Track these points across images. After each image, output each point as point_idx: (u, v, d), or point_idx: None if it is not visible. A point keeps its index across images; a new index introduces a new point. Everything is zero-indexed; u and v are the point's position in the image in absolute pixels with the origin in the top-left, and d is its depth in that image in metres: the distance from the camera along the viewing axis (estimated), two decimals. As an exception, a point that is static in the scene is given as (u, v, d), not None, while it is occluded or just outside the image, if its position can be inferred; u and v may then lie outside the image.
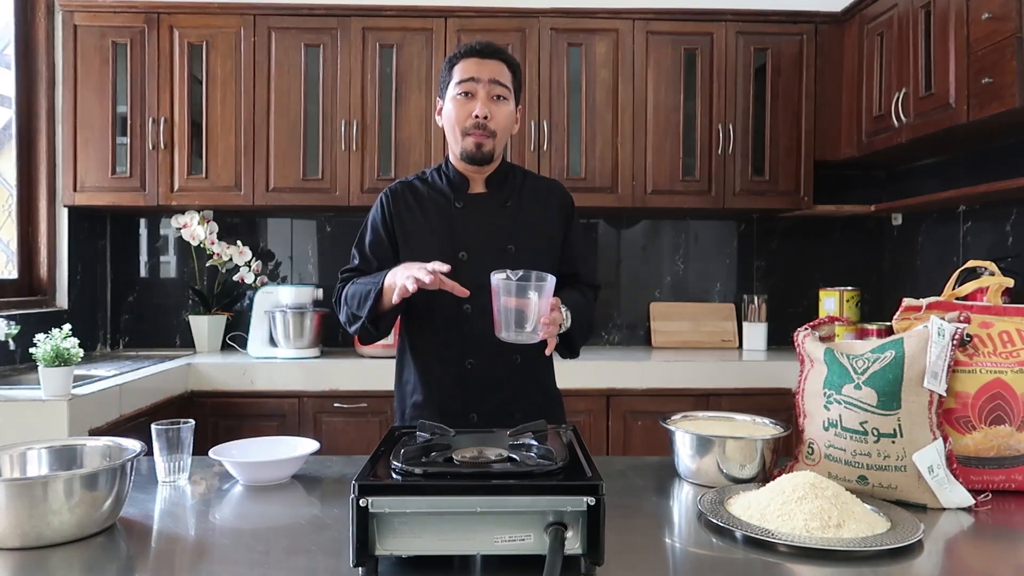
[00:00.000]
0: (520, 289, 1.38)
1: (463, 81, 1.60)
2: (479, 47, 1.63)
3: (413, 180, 1.73)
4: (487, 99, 1.60)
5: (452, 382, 1.63)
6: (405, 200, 1.69)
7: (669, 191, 3.12)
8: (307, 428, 2.79)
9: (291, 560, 0.99)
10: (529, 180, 1.75)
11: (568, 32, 3.08)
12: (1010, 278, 1.41)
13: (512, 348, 1.57)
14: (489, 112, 1.59)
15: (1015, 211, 2.65)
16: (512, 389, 1.64)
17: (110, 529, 1.10)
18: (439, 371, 1.64)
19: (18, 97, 2.94)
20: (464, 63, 1.62)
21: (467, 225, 1.65)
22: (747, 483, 1.27)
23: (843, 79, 3.12)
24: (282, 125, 3.04)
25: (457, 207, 1.66)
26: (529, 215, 1.68)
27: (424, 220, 1.67)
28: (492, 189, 1.69)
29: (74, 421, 2.07)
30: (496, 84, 1.60)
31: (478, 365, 1.62)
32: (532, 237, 1.65)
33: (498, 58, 1.63)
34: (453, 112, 1.61)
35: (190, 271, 3.38)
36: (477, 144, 1.60)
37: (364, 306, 1.58)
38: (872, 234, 3.53)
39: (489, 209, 1.66)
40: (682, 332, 3.40)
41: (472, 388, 1.62)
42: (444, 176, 1.71)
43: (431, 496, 0.91)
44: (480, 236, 1.63)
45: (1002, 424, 1.25)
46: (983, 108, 2.26)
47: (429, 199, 1.68)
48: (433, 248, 1.61)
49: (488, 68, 1.60)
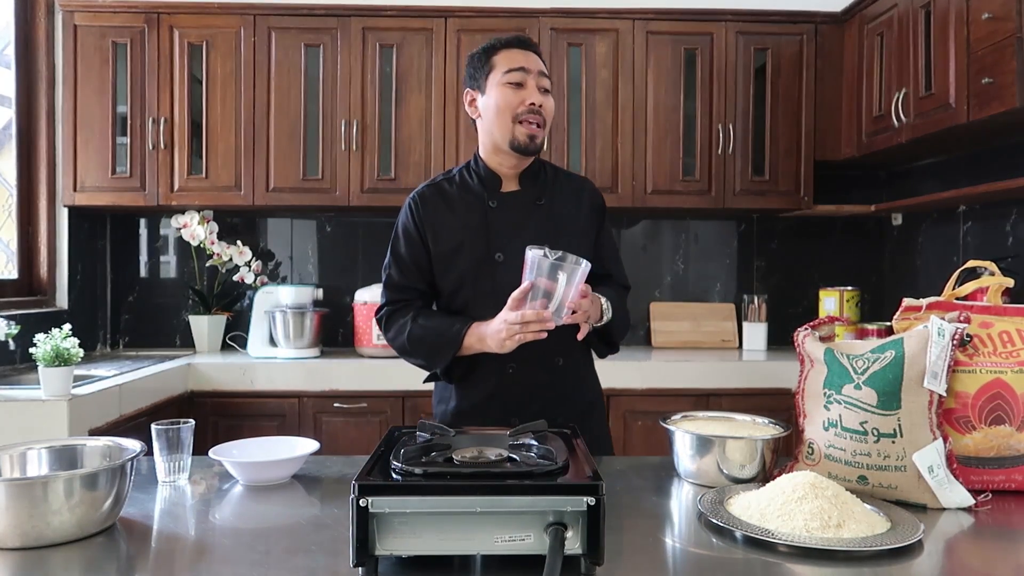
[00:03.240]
0: (552, 269, 1.36)
1: (513, 70, 1.57)
2: (522, 38, 1.62)
3: (440, 181, 1.69)
4: (537, 89, 1.58)
5: (493, 388, 1.61)
6: (435, 204, 1.64)
7: (669, 191, 3.12)
8: (307, 428, 2.79)
9: (291, 560, 0.99)
10: (560, 176, 1.71)
11: (568, 32, 3.08)
12: (1010, 278, 1.41)
13: (554, 352, 1.57)
14: (541, 101, 1.57)
15: (1015, 211, 2.65)
16: (554, 394, 1.61)
17: (110, 529, 1.10)
18: (480, 377, 1.62)
19: (18, 97, 2.94)
20: (508, 53, 1.59)
21: (502, 225, 1.61)
22: (747, 483, 1.27)
23: (843, 79, 3.12)
24: (282, 125, 3.04)
25: (491, 206, 1.62)
26: (563, 212, 1.65)
27: (457, 222, 1.62)
28: (525, 186, 1.65)
29: (74, 421, 2.07)
30: (543, 76, 1.59)
31: (519, 370, 1.59)
32: (567, 235, 1.62)
33: (537, 53, 1.63)
34: (502, 99, 1.57)
35: (190, 271, 3.38)
36: (531, 135, 1.56)
37: (436, 361, 1.59)
38: (872, 234, 3.53)
39: (523, 207, 1.63)
40: (682, 332, 3.40)
41: (513, 394, 1.60)
42: (474, 174, 1.66)
43: (431, 496, 0.91)
44: (516, 236, 1.58)
45: (1002, 424, 1.25)
46: (983, 108, 2.26)
47: (460, 199, 1.64)
48: (468, 250, 1.59)
49: (535, 61, 1.60)
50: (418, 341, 1.60)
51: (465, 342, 1.54)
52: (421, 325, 1.60)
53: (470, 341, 1.54)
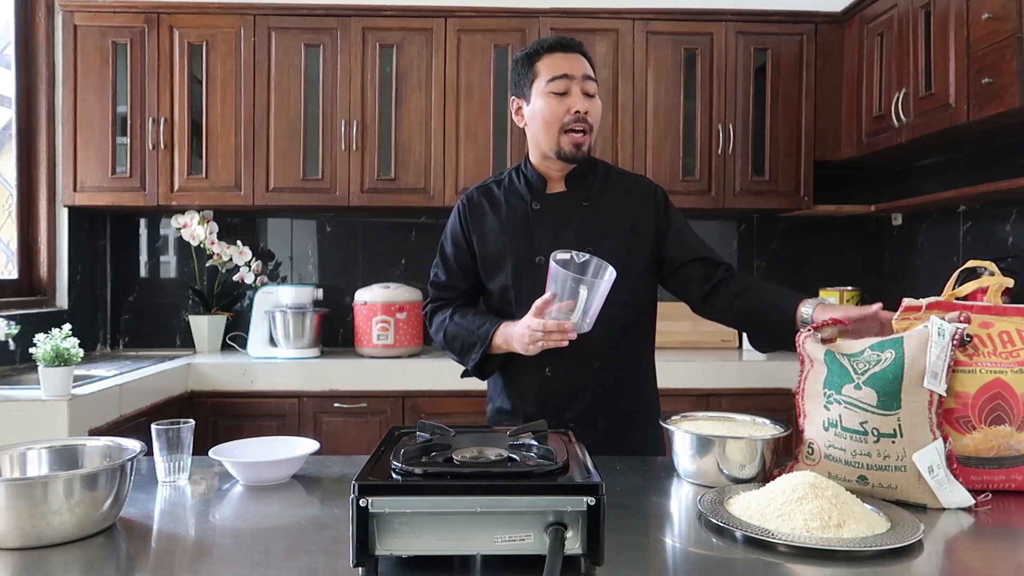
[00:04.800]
0: (574, 281, 1.36)
1: (556, 78, 1.55)
2: (565, 40, 1.59)
3: (490, 184, 1.70)
4: (582, 96, 1.55)
5: (534, 391, 1.62)
6: (481, 206, 1.66)
7: (669, 191, 3.05)
8: (307, 428, 2.79)
9: (291, 560, 0.99)
10: (613, 175, 1.69)
11: (568, 32, 3.07)
12: (1010, 278, 1.41)
13: (593, 355, 1.58)
14: (587, 107, 1.55)
15: (1015, 211, 2.65)
16: (593, 397, 1.61)
17: (110, 529, 1.10)
18: (521, 379, 1.63)
19: (18, 97, 2.94)
20: (551, 59, 1.57)
21: (544, 228, 1.61)
22: (747, 483, 1.27)
23: (843, 79, 3.12)
24: (282, 125, 3.04)
25: (534, 209, 1.63)
26: (609, 213, 1.63)
27: (500, 225, 1.63)
28: (571, 187, 1.64)
29: (74, 421, 2.07)
30: (588, 80, 1.57)
31: (557, 373, 1.60)
32: (612, 236, 1.60)
33: (582, 53, 1.59)
34: (547, 109, 1.55)
35: (190, 271, 3.38)
36: (577, 144, 1.55)
37: (469, 359, 1.60)
38: (872, 234, 3.53)
39: (566, 209, 1.62)
40: (682, 332, 3.39)
41: (553, 397, 1.60)
42: (523, 176, 1.67)
43: (431, 496, 0.91)
44: (558, 238, 1.58)
45: (1002, 424, 1.25)
46: (983, 108, 2.26)
47: (506, 202, 1.65)
48: (511, 253, 1.60)
49: (578, 64, 1.57)
50: (452, 338, 1.63)
51: (494, 341, 1.56)
52: (456, 323, 1.63)
53: (498, 341, 1.55)
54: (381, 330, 2.98)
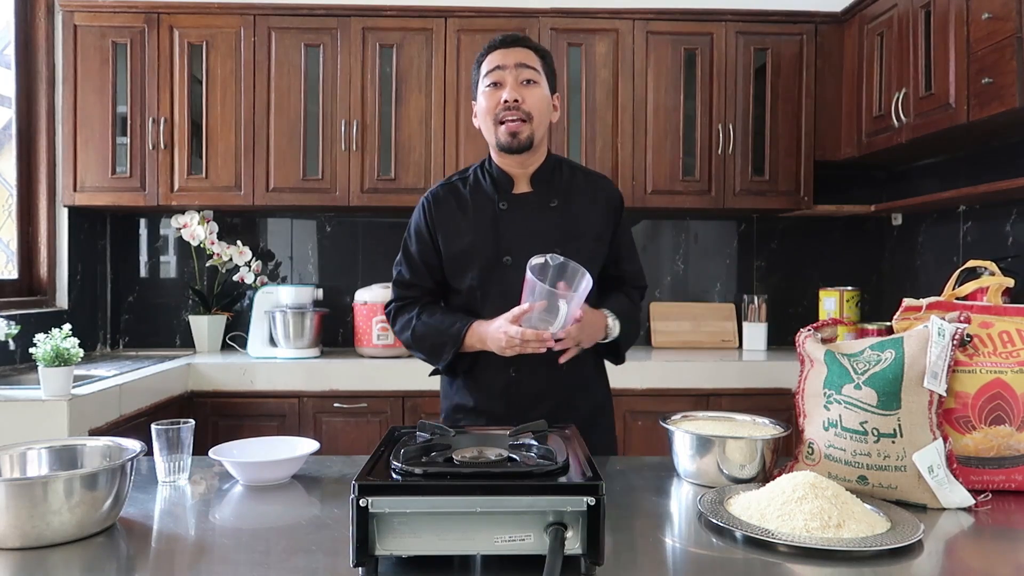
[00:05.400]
0: (550, 295, 1.38)
1: (490, 71, 1.58)
2: (503, 38, 1.61)
3: (455, 181, 1.69)
4: (516, 84, 1.56)
5: (498, 391, 1.62)
6: (447, 204, 1.65)
7: (669, 191, 3.12)
8: (307, 428, 2.79)
9: (291, 560, 0.99)
10: (578, 175, 1.69)
11: (568, 32, 3.08)
12: (1010, 278, 1.41)
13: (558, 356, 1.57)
14: (520, 95, 1.55)
15: (1015, 211, 2.65)
16: (557, 399, 1.61)
17: (110, 529, 1.10)
18: (485, 379, 1.63)
19: (18, 97, 2.94)
20: (491, 56, 1.60)
21: (511, 227, 1.61)
22: (747, 483, 1.27)
23: (843, 79, 3.12)
24: (282, 125, 3.04)
25: (501, 208, 1.62)
26: (577, 214, 1.63)
27: (468, 224, 1.62)
28: (537, 187, 1.64)
29: (74, 421, 2.07)
30: (524, 68, 1.57)
31: (522, 374, 1.60)
32: (579, 238, 1.61)
33: (522, 45, 1.61)
34: (483, 104, 1.59)
35: (190, 271, 3.38)
36: (512, 132, 1.55)
37: (440, 358, 1.59)
38: (872, 234, 3.53)
39: (534, 209, 1.62)
40: (682, 332, 3.40)
41: (517, 397, 1.61)
42: (487, 175, 1.66)
43: (431, 496, 0.91)
44: (525, 239, 1.58)
45: (1002, 424, 1.25)
46: (983, 108, 2.26)
47: (472, 201, 1.64)
48: (478, 252, 1.59)
49: (513, 54, 1.58)
50: (421, 338, 1.62)
51: (466, 341, 1.55)
52: (424, 322, 1.61)
53: (471, 341, 1.55)
54: (381, 330, 2.98)
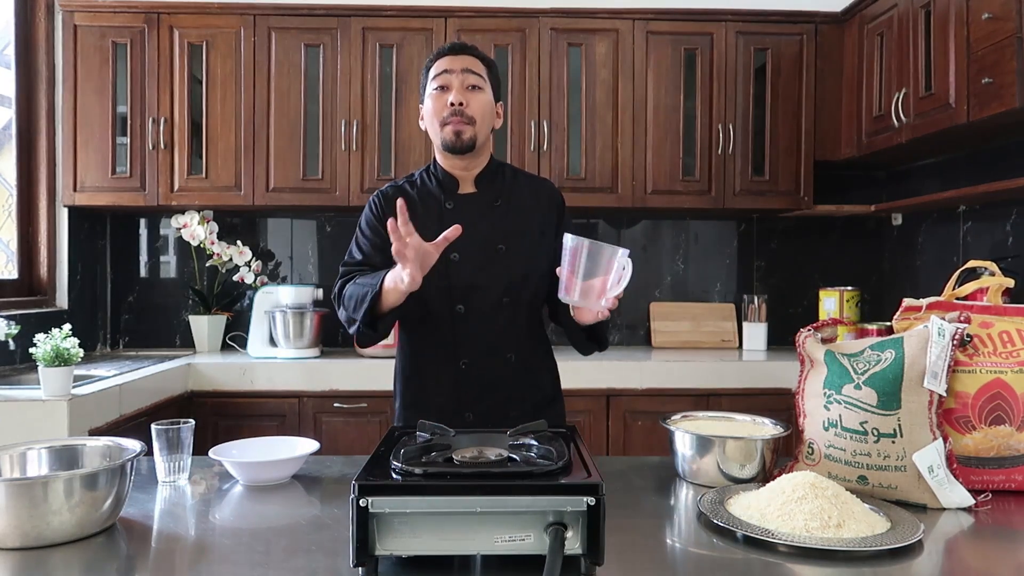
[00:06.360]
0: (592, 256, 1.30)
1: (437, 75, 1.64)
2: (451, 45, 1.68)
3: (402, 183, 1.74)
4: (461, 88, 1.62)
5: (447, 382, 1.64)
6: (395, 202, 1.67)
7: (669, 191, 3.12)
8: (307, 428, 2.79)
9: (291, 560, 0.99)
10: (520, 178, 1.76)
11: (568, 32, 3.08)
12: (1010, 278, 1.41)
13: (506, 347, 1.62)
14: (464, 100, 1.61)
15: (1015, 211, 2.65)
16: (508, 389, 1.65)
17: (110, 529, 1.10)
18: (434, 371, 1.65)
19: (18, 97, 2.94)
20: (439, 62, 1.65)
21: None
22: (747, 483, 1.27)
23: (843, 79, 3.12)
24: (282, 125, 3.04)
25: (448, 208, 1.67)
26: (519, 213, 1.69)
27: (416, 223, 1.63)
28: (481, 188, 1.70)
29: (74, 421, 2.07)
30: (469, 73, 1.63)
31: (472, 365, 1.62)
32: (523, 236, 1.66)
33: (469, 53, 1.67)
34: (431, 106, 1.64)
35: (190, 271, 3.38)
36: (456, 132, 1.61)
37: (360, 309, 1.54)
38: (872, 234, 3.53)
39: (479, 209, 1.67)
40: (682, 332, 3.40)
41: (467, 388, 1.63)
42: (433, 177, 1.72)
43: (431, 496, 0.91)
44: (471, 237, 1.60)
45: (1002, 424, 1.25)
46: (983, 108, 2.26)
47: (420, 201, 1.69)
48: None
49: (460, 61, 1.64)
50: (349, 297, 1.60)
51: (385, 284, 1.50)
52: (354, 283, 1.62)
53: (388, 284, 1.49)
54: (381, 330, 2.98)
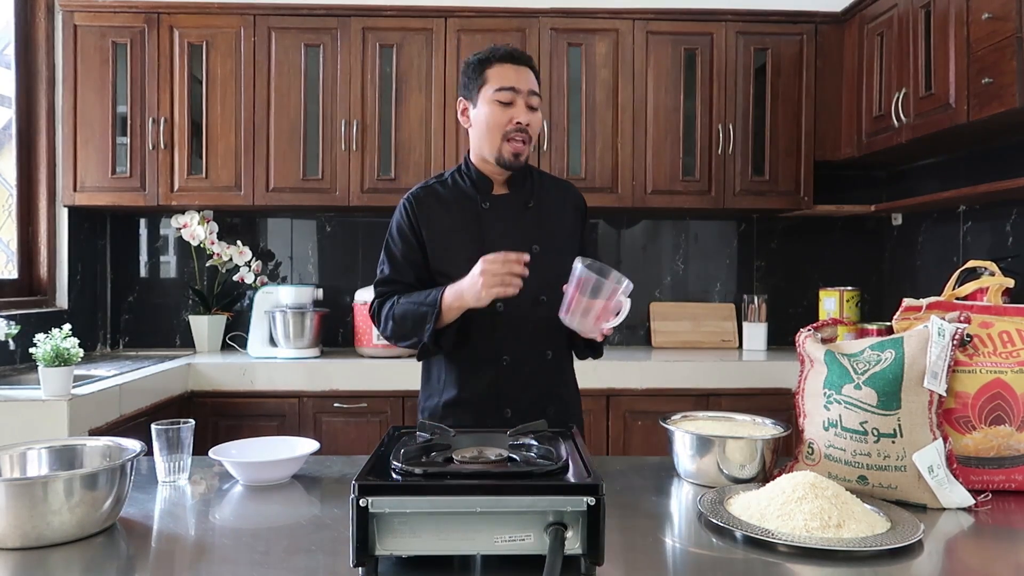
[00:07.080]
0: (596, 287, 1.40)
1: (503, 89, 1.62)
2: (515, 53, 1.66)
3: (433, 184, 1.74)
4: (526, 108, 1.63)
5: (488, 380, 1.64)
6: (429, 204, 1.70)
7: (669, 191, 3.12)
8: (307, 428, 2.79)
9: (291, 560, 0.99)
10: (546, 180, 1.78)
11: (568, 32, 3.08)
12: (1010, 278, 1.41)
13: (544, 344, 1.65)
14: (528, 120, 1.63)
15: (1015, 211, 2.65)
16: (545, 384, 1.67)
17: (110, 529, 1.10)
18: (474, 369, 1.66)
19: (18, 97, 2.94)
20: (500, 68, 1.63)
21: (494, 225, 1.67)
22: (747, 483, 1.27)
23: (843, 79, 3.12)
24: (282, 125, 3.04)
25: (484, 208, 1.68)
26: (550, 215, 1.71)
27: (451, 222, 1.68)
28: (514, 190, 1.71)
29: (74, 421, 2.07)
30: (533, 95, 1.64)
31: (512, 362, 1.64)
32: (555, 237, 1.69)
33: (531, 67, 1.67)
34: (492, 116, 1.63)
35: (190, 271, 3.38)
36: (516, 153, 1.63)
37: (422, 329, 1.58)
38: (872, 234, 3.52)
39: (513, 210, 1.69)
40: (682, 332, 3.40)
41: (507, 384, 1.64)
42: (466, 177, 1.72)
43: (431, 496, 0.91)
44: (507, 236, 1.64)
45: (1002, 424, 1.25)
46: (983, 108, 2.26)
47: (454, 201, 1.70)
48: (462, 249, 1.62)
49: (525, 78, 1.64)
50: (402, 318, 1.63)
51: (444, 303, 1.56)
52: (403, 303, 1.64)
53: (449, 301, 1.55)
54: (381, 330, 2.98)
